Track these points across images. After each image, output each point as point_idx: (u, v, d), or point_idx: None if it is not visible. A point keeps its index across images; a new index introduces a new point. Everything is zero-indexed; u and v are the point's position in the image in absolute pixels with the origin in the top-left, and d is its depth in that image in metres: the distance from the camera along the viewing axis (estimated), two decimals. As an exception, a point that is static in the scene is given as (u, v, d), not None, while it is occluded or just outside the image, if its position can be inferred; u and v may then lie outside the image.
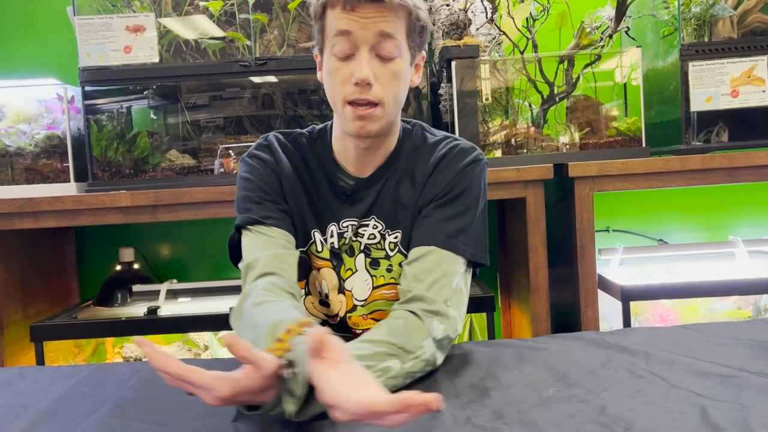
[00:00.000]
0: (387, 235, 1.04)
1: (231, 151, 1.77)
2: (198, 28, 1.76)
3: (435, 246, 0.96)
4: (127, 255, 1.92)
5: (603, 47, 1.74)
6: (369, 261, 1.05)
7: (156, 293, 1.78)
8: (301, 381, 0.69)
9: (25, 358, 1.73)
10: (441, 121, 1.83)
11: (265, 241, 0.99)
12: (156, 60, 1.70)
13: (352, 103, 0.94)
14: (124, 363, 1.05)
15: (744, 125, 1.75)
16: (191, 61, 1.76)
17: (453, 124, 1.72)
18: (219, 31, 1.75)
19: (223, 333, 0.67)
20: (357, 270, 1.05)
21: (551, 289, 1.64)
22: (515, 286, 1.94)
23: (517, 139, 1.75)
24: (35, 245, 1.87)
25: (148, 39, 1.69)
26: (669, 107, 1.80)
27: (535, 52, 1.79)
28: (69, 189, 1.75)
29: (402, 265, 0.99)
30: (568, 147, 1.75)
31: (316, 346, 0.67)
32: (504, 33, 1.78)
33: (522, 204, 1.64)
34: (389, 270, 1.04)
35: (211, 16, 1.75)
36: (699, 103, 1.68)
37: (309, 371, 0.68)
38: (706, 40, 1.71)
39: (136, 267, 1.94)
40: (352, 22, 0.91)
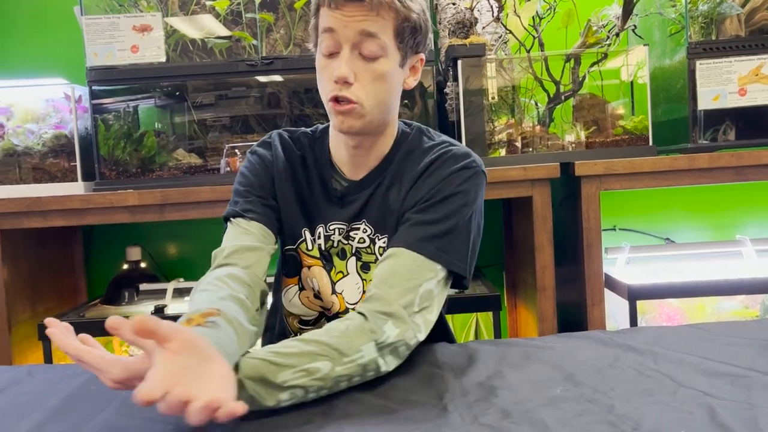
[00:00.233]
0: (377, 240, 1.03)
1: (237, 151, 1.77)
2: (204, 27, 1.76)
3: (405, 248, 0.93)
4: (135, 254, 1.93)
5: (610, 46, 1.73)
6: (360, 265, 1.04)
7: (163, 292, 1.78)
8: None
9: (33, 356, 1.74)
10: (447, 120, 1.82)
11: (240, 234, 1.00)
12: (163, 59, 1.71)
13: (333, 100, 0.95)
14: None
15: (751, 124, 1.74)
16: (198, 61, 1.76)
17: (459, 122, 1.72)
18: (225, 31, 1.76)
19: (111, 317, 0.66)
20: (348, 273, 1.05)
21: (557, 288, 1.64)
22: (521, 285, 1.93)
23: (523, 138, 1.75)
24: (43, 244, 1.88)
25: (155, 38, 1.70)
26: (676, 106, 1.79)
27: (542, 50, 1.78)
28: (77, 188, 1.76)
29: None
30: (573, 146, 1.75)
31: (137, 330, 0.63)
32: (510, 31, 1.78)
33: (528, 203, 1.63)
34: None
35: (218, 15, 1.75)
36: (706, 102, 1.68)
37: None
38: (713, 38, 1.71)
39: (143, 266, 1.95)
40: (335, 19, 0.92)
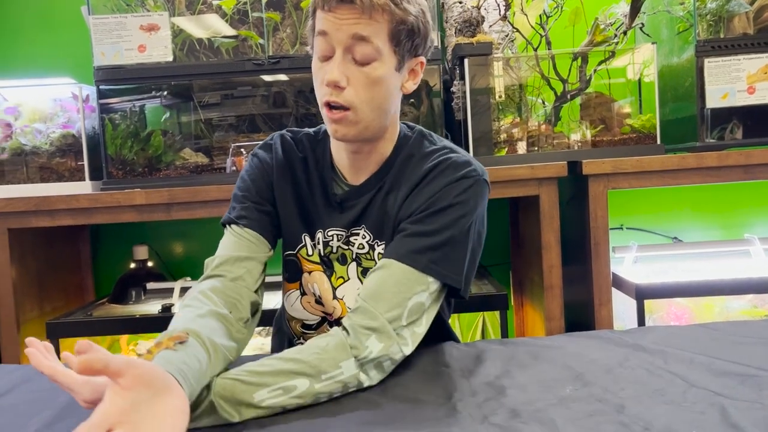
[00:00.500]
0: (376, 246, 1.01)
1: (243, 150, 1.77)
2: (211, 26, 1.76)
3: (396, 260, 0.90)
4: (141, 253, 1.93)
5: (617, 44, 1.72)
6: (361, 270, 1.03)
7: (170, 291, 1.79)
8: None
9: (42, 355, 1.74)
10: (453, 119, 1.82)
11: (233, 242, 1.00)
12: (170, 59, 1.71)
13: (326, 106, 0.93)
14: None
15: (759, 122, 1.73)
16: (205, 60, 1.76)
17: (466, 121, 1.72)
18: (231, 30, 1.76)
19: (79, 342, 0.66)
20: (349, 278, 1.04)
21: (564, 287, 1.64)
22: (528, 284, 1.93)
23: (531, 137, 1.74)
24: (51, 243, 1.89)
25: (162, 38, 1.70)
26: (684, 104, 1.79)
27: (549, 49, 1.78)
28: (84, 187, 1.76)
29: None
30: (579, 144, 1.74)
31: (81, 369, 0.62)
32: (517, 30, 1.78)
33: (535, 202, 1.63)
34: None
35: (225, 14, 1.75)
36: (715, 100, 1.67)
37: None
38: (721, 36, 1.70)
39: (150, 265, 1.96)
40: (329, 22, 0.90)
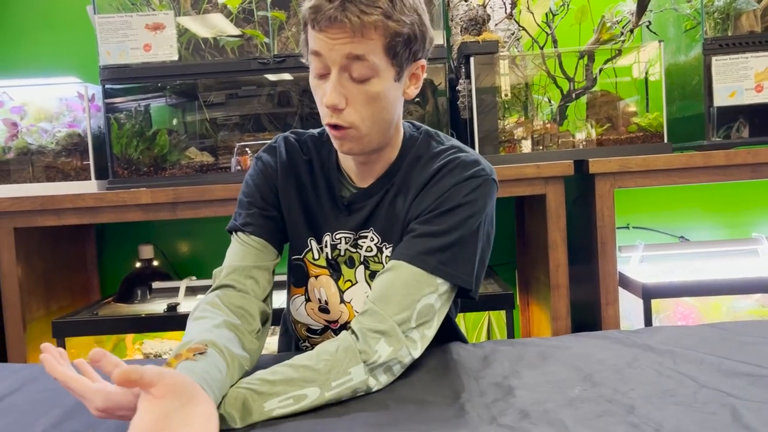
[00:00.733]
0: (384, 249, 1.00)
1: (248, 149, 1.77)
2: (216, 25, 1.76)
3: (405, 261, 0.90)
4: (147, 252, 1.93)
5: (624, 42, 1.72)
6: (369, 273, 1.02)
7: (175, 290, 1.79)
8: None
9: (48, 354, 1.75)
10: (459, 118, 1.82)
11: (239, 251, 0.99)
12: (175, 58, 1.71)
13: (329, 126, 0.92)
14: (146, 360, 1.06)
15: (766, 120, 1.72)
16: (210, 59, 1.76)
17: (471, 120, 1.71)
18: (235, 30, 1.76)
19: (94, 351, 0.68)
20: (357, 282, 1.03)
21: (571, 287, 1.63)
22: (534, 283, 1.92)
23: (537, 136, 1.74)
24: (57, 242, 1.89)
25: (167, 37, 1.70)
26: (691, 102, 1.78)
27: (555, 47, 1.77)
28: (90, 187, 1.76)
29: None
30: (584, 143, 1.74)
31: (119, 381, 0.64)
32: (523, 28, 1.77)
33: (542, 200, 1.62)
34: None
35: (230, 13, 1.75)
36: (722, 98, 1.66)
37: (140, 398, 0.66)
38: (729, 33, 1.69)
39: (155, 264, 1.96)
40: (321, 42, 0.87)
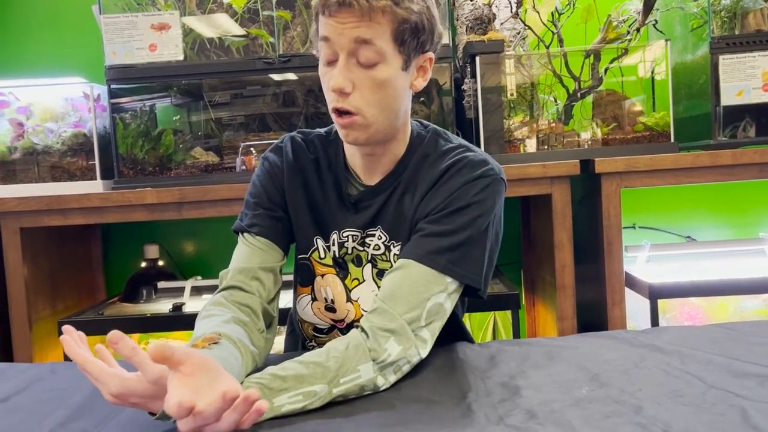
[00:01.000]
0: (392, 247, 1.00)
1: (253, 149, 1.77)
2: (221, 25, 1.76)
3: (414, 260, 0.90)
4: (152, 252, 1.94)
5: (630, 41, 1.71)
6: (376, 272, 1.02)
7: (181, 290, 1.79)
8: None
9: (53, 353, 1.75)
10: (464, 117, 1.81)
11: (245, 253, 1.00)
12: (180, 58, 1.71)
13: (335, 111, 0.93)
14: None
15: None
16: (215, 59, 1.76)
17: (477, 120, 1.71)
18: (240, 30, 1.76)
19: (112, 333, 0.68)
20: (364, 280, 1.03)
21: (577, 287, 1.62)
22: (540, 283, 1.92)
23: (542, 135, 1.73)
24: (62, 242, 1.89)
25: (172, 37, 1.70)
26: (698, 101, 1.77)
27: (561, 46, 1.76)
28: (95, 186, 1.77)
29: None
30: (590, 143, 1.73)
31: (154, 356, 0.65)
32: (529, 27, 1.76)
33: (547, 200, 1.62)
34: None
35: (235, 13, 1.75)
36: (730, 97, 1.65)
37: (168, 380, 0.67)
38: (736, 32, 1.68)
39: (161, 264, 1.96)
40: (330, 27, 0.89)
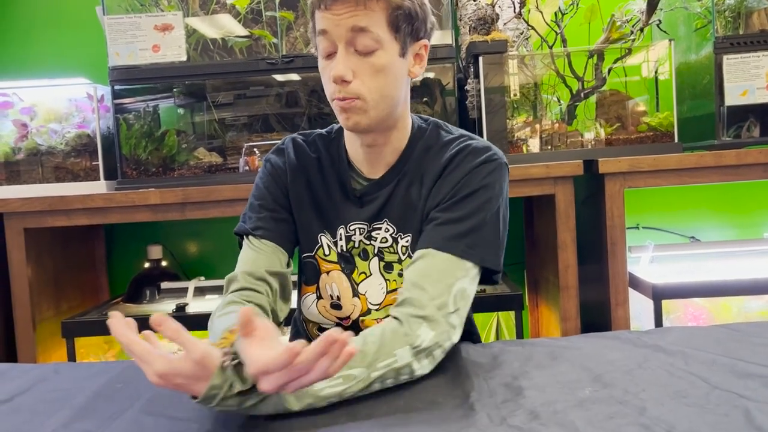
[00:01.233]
0: (399, 239, 1.01)
1: (256, 150, 1.77)
2: (224, 26, 1.76)
3: (434, 248, 0.91)
4: (156, 252, 1.94)
5: (634, 41, 1.70)
6: (383, 265, 1.03)
7: (184, 290, 1.79)
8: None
9: (57, 354, 1.76)
10: (468, 117, 1.81)
11: (251, 257, 1.01)
12: (184, 58, 1.71)
13: (337, 100, 0.95)
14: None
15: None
16: (218, 60, 1.76)
17: (480, 120, 1.70)
18: (243, 30, 1.76)
19: (155, 316, 0.68)
20: (371, 273, 1.03)
21: (580, 287, 1.62)
22: (543, 284, 1.91)
23: (546, 136, 1.73)
24: (66, 243, 1.90)
25: (176, 38, 1.70)
26: (702, 101, 1.76)
27: (564, 46, 1.76)
28: (99, 187, 1.77)
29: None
30: (594, 143, 1.73)
31: (244, 322, 0.68)
32: (532, 27, 1.76)
33: (551, 201, 1.62)
34: (401, 275, 1.01)
35: (238, 14, 1.75)
36: (734, 97, 1.65)
37: (238, 347, 0.69)
38: (740, 32, 1.67)
39: (164, 264, 1.96)
40: (327, 20, 0.91)
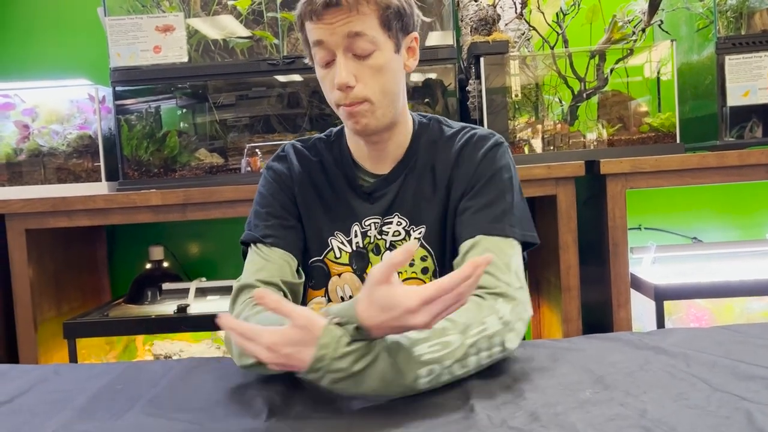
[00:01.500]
0: (412, 231, 1.03)
1: (258, 150, 1.77)
2: (226, 27, 1.76)
3: (481, 234, 0.94)
4: (157, 253, 1.94)
5: (635, 41, 1.70)
6: None
7: (185, 291, 1.79)
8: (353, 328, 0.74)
9: (58, 355, 1.76)
10: (469, 118, 1.81)
11: (260, 263, 1.00)
12: (185, 59, 1.72)
13: (343, 106, 0.96)
14: (157, 361, 1.06)
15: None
16: (219, 61, 1.77)
17: (481, 120, 1.70)
18: (245, 31, 1.76)
19: (257, 290, 0.72)
20: None
21: (582, 288, 1.62)
22: (545, 285, 1.91)
23: (547, 136, 1.72)
24: (68, 244, 1.90)
25: (177, 39, 1.70)
26: (704, 102, 1.76)
27: (566, 47, 1.76)
28: (100, 188, 1.77)
29: (453, 265, 0.98)
30: (595, 144, 1.72)
31: (401, 257, 0.71)
32: (533, 28, 1.76)
33: (552, 201, 1.61)
34: (411, 264, 1.04)
35: (239, 15, 1.75)
36: (736, 98, 1.64)
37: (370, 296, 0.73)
38: (742, 32, 1.67)
39: (165, 265, 1.96)
40: (321, 30, 0.92)
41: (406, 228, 1.04)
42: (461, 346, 0.80)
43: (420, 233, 1.03)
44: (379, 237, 1.04)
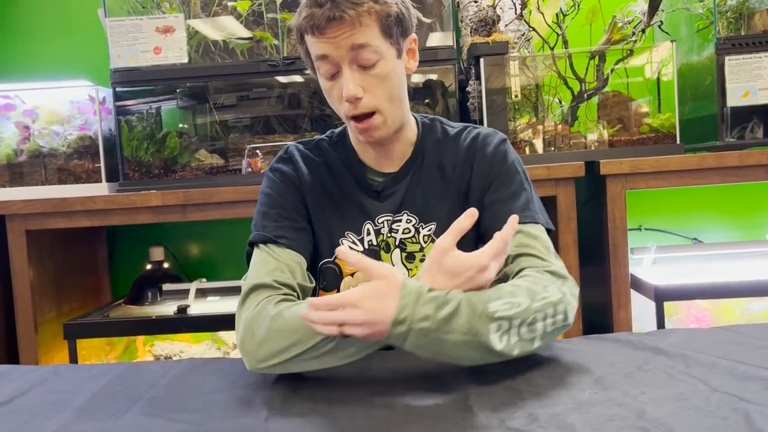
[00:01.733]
0: (421, 229, 1.05)
1: (258, 151, 1.77)
2: (226, 28, 1.77)
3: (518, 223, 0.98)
4: (157, 254, 1.94)
5: (635, 42, 1.70)
6: (405, 255, 1.05)
7: (185, 292, 1.79)
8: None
9: (59, 355, 1.76)
10: (469, 119, 1.81)
11: (275, 264, 0.97)
12: (185, 60, 1.72)
13: (353, 119, 0.98)
14: (156, 362, 1.06)
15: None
16: (219, 62, 1.77)
17: (482, 121, 1.70)
18: (245, 32, 1.76)
19: (340, 248, 0.75)
20: (393, 265, 1.05)
21: (582, 289, 1.61)
22: (545, 285, 1.91)
23: (547, 137, 1.72)
24: (68, 245, 1.90)
25: (177, 40, 1.71)
26: (704, 102, 1.76)
27: (566, 47, 1.76)
28: (101, 189, 1.77)
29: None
30: (595, 144, 1.72)
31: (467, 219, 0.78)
32: (533, 29, 1.76)
33: (552, 202, 1.61)
34: (422, 260, 1.05)
35: (239, 16, 1.76)
36: (736, 98, 1.64)
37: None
38: (742, 33, 1.67)
39: (166, 266, 1.96)
40: (324, 45, 0.93)
41: (415, 225, 1.05)
42: (529, 308, 0.82)
43: (430, 230, 1.04)
44: (389, 235, 1.05)
